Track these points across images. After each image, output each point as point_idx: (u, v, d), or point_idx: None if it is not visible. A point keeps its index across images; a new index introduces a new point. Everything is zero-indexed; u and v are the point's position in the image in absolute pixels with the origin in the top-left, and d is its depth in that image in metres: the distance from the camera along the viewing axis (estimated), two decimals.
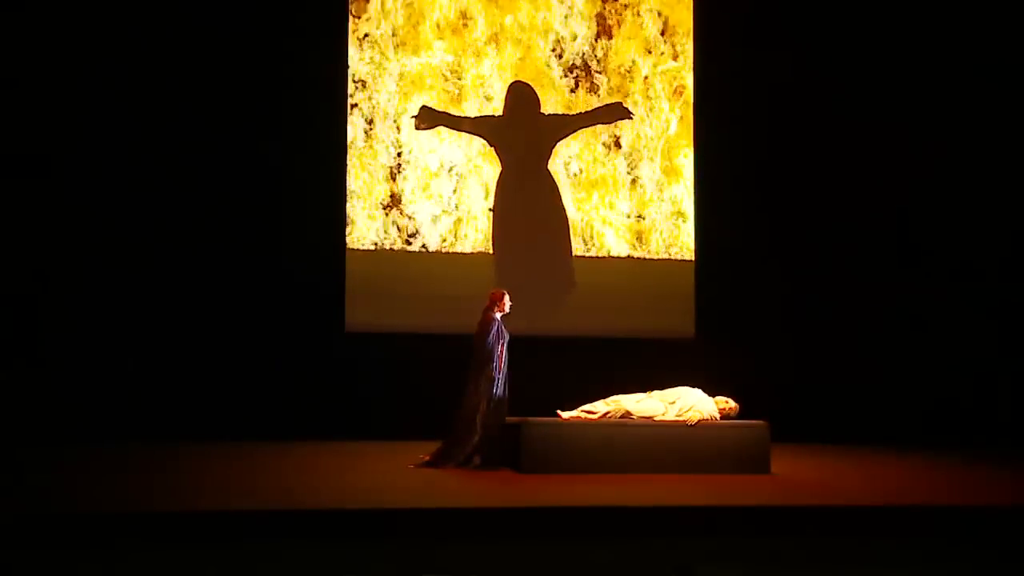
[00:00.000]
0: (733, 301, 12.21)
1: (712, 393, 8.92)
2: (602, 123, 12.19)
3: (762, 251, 12.36)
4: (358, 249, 11.62)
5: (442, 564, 5.93)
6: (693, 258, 12.31)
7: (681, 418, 8.70)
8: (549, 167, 12.09)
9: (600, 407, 8.80)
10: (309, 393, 11.21)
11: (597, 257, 12.12)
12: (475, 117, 11.95)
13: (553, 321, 11.77)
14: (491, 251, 11.90)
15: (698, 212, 12.33)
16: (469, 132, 11.91)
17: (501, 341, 8.82)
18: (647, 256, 12.21)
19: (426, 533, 6.37)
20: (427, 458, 8.80)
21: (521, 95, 12.04)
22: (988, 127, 12.52)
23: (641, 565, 6.15)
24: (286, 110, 11.52)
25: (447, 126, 11.89)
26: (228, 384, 11.02)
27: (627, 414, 8.75)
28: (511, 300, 9.01)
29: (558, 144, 12.08)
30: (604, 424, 8.68)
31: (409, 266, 11.72)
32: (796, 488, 8.10)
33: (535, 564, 6.11)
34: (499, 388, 8.75)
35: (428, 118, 11.85)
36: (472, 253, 11.84)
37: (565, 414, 8.79)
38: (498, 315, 8.93)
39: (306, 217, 11.53)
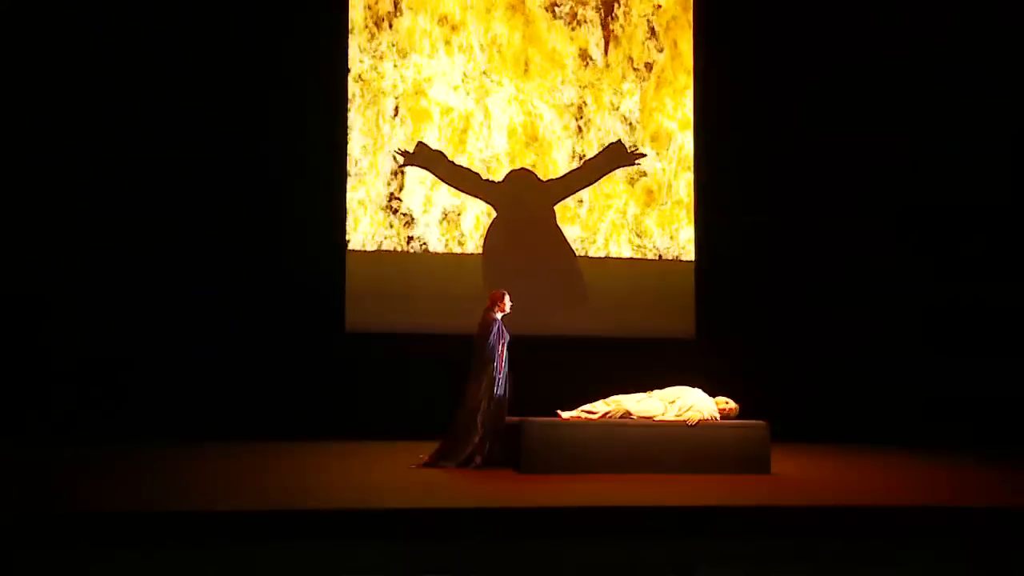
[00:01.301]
0: (733, 302, 12.20)
1: (712, 393, 8.93)
2: (607, 173, 12.10)
3: (762, 252, 12.36)
4: (358, 250, 11.63)
5: (442, 564, 5.93)
6: (693, 259, 12.31)
7: (681, 418, 8.70)
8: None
9: (600, 407, 8.80)
10: (309, 393, 11.21)
11: (597, 258, 12.12)
12: (472, 174, 11.78)
13: (554, 321, 11.77)
14: None
15: (698, 213, 12.32)
16: (460, 189, 11.74)
17: (502, 341, 8.82)
18: (647, 257, 12.21)
19: (426, 533, 6.37)
20: (428, 458, 8.80)
21: (520, 175, 11.94)
22: (986, 127, 12.51)
23: (641, 565, 6.15)
24: (286, 110, 11.52)
25: (437, 174, 11.71)
26: (228, 384, 11.02)
27: (627, 414, 8.75)
28: (511, 301, 9.03)
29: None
30: (604, 424, 8.68)
31: (409, 266, 11.72)
32: (796, 488, 8.10)
33: (535, 564, 6.12)
34: (500, 388, 8.76)
35: (419, 158, 11.67)
36: (472, 254, 11.84)
37: (565, 414, 8.79)
38: (499, 315, 8.95)
39: (306, 217, 11.53)
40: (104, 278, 11.06)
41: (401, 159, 11.65)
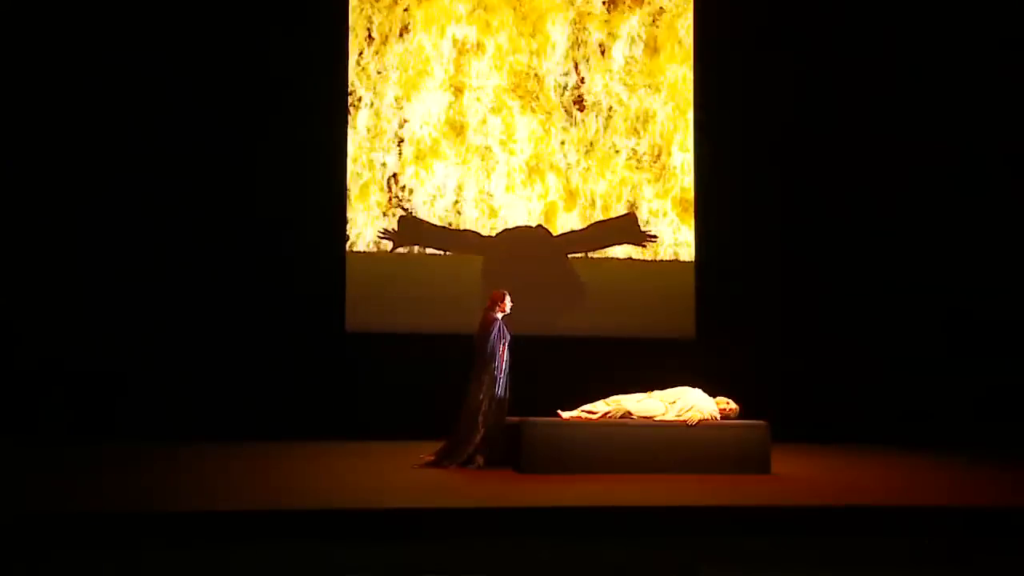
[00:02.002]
0: (734, 302, 12.20)
1: (712, 393, 8.93)
2: (613, 244, 12.04)
3: (763, 252, 12.35)
4: (358, 250, 11.63)
5: (442, 564, 5.93)
6: (694, 259, 12.31)
7: (681, 418, 8.70)
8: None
9: (600, 407, 8.80)
10: (309, 393, 11.22)
11: (598, 258, 12.11)
12: (466, 235, 11.67)
13: (554, 321, 11.77)
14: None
15: (698, 213, 12.32)
16: (455, 252, 11.66)
17: (503, 341, 8.83)
18: (648, 257, 12.21)
19: (426, 533, 6.37)
20: (431, 458, 8.81)
21: (520, 231, 11.88)
22: (991, 129, 12.50)
23: (642, 565, 6.15)
24: (286, 112, 11.53)
25: (429, 245, 11.58)
26: (228, 384, 11.04)
27: (627, 414, 8.75)
28: (511, 301, 9.04)
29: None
30: (604, 424, 8.68)
31: (409, 267, 11.72)
32: (796, 488, 8.09)
33: (535, 564, 6.11)
34: (500, 388, 8.76)
35: (405, 235, 11.52)
36: (472, 255, 11.84)
37: (565, 414, 8.79)
38: (499, 315, 8.95)
39: (307, 218, 11.54)
40: (104, 278, 11.07)
41: (390, 243, 11.56)
